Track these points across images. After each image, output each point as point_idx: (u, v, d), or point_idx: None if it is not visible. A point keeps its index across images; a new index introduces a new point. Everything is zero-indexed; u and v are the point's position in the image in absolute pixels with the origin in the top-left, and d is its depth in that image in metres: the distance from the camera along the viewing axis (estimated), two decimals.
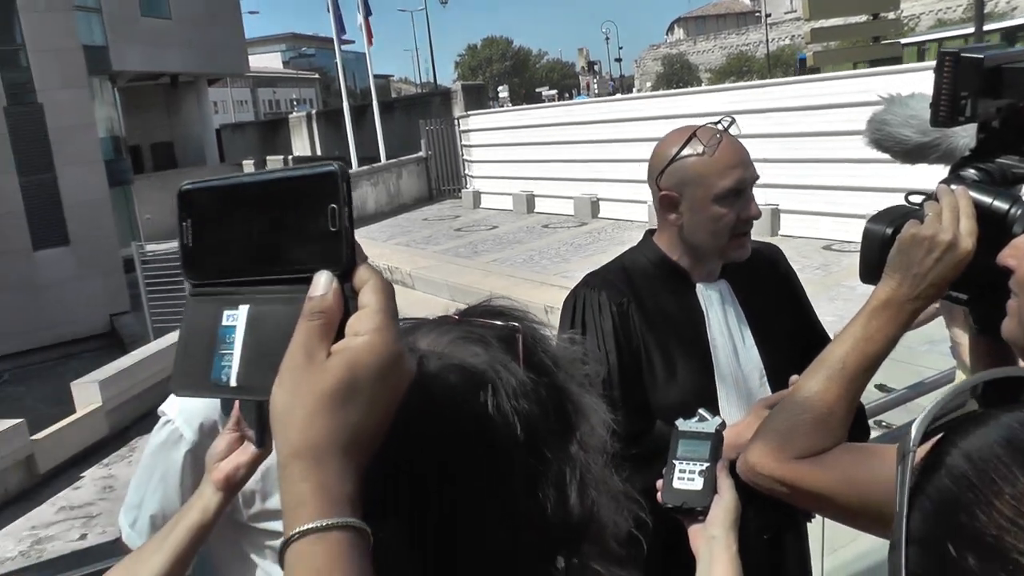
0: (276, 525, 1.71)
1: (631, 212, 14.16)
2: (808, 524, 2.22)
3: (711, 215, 1.99)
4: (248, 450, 1.12)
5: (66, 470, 9.26)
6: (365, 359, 0.65)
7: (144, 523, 1.77)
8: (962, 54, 1.34)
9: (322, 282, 0.67)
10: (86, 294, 18.01)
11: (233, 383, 0.72)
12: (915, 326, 3.19)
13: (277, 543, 1.84)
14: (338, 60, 24.56)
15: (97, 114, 21.09)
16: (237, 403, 1.12)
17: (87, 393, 10.18)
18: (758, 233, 2.13)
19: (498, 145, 18.90)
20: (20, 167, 17.87)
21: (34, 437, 9.08)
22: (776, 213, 11.52)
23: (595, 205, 15.62)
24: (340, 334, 0.67)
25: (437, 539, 0.75)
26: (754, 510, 1.64)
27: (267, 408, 0.79)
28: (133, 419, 10.60)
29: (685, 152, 2.00)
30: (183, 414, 1.76)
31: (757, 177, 2.03)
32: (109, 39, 23.63)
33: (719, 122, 2.02)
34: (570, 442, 0.79)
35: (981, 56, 1.33)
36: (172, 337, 12.24)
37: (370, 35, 23.69)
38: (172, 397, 1.86)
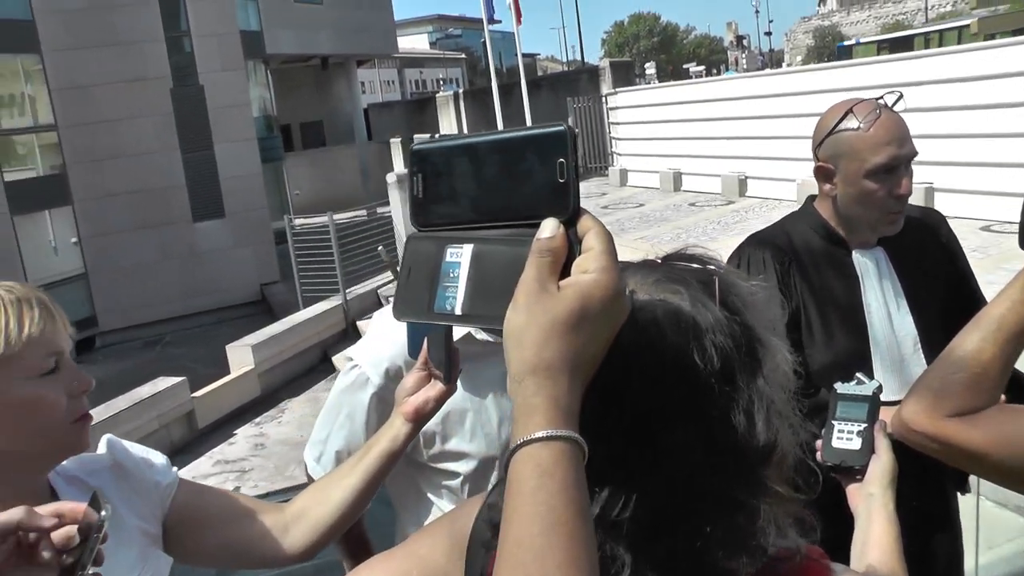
0: (453, 466, 1.82)
1: (779, 190, 13.65)
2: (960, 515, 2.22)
3: (862, 189, 2.02)
4: (436, 386, 1.26)
5: (221, 426, 9.78)
6: (594, 292, 0.73)
7: (329, 457, 1.89)
8: None
9: (551, 226, 0.76)
10: (239, 264, 18.94)
11: (458, 312, 0.82)
12: None
13: (453, 483, 2.02)
14: (486, 39, 24.72)
15: (251, 94, 22.02)
16: (425, 346, 1.22)
17: (241, 356, 10.68)
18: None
19: (645, 122, 18.68)
20: (183, 144, 18.90)
21: (194, 394, 9.62)
22: (930, 192, 10.90)
23: (743, 183, 15.25)
24: (563, 274, 0.75)
25: (641, 460, 0.81)
26: (904, 479, 1.64)
27: (453, 348, 1.12)
28: (283, 382, 11.09)
29: (843, 125, 2.04)
30: (371, 360, 1.88)
31: (914, 154, 2.02)
32: (264, 24, 24.56)
33: (882, 97, 2.02)
34: (758, 375, 0.84)
35: None
36: (321, 306, 12.72)
37: (519, 14, 23.83)
38: (360, 344, 1.99)
